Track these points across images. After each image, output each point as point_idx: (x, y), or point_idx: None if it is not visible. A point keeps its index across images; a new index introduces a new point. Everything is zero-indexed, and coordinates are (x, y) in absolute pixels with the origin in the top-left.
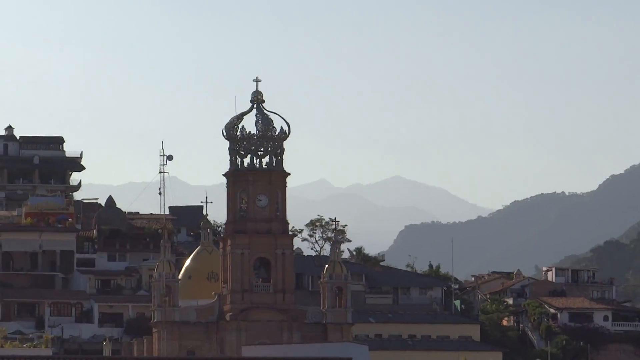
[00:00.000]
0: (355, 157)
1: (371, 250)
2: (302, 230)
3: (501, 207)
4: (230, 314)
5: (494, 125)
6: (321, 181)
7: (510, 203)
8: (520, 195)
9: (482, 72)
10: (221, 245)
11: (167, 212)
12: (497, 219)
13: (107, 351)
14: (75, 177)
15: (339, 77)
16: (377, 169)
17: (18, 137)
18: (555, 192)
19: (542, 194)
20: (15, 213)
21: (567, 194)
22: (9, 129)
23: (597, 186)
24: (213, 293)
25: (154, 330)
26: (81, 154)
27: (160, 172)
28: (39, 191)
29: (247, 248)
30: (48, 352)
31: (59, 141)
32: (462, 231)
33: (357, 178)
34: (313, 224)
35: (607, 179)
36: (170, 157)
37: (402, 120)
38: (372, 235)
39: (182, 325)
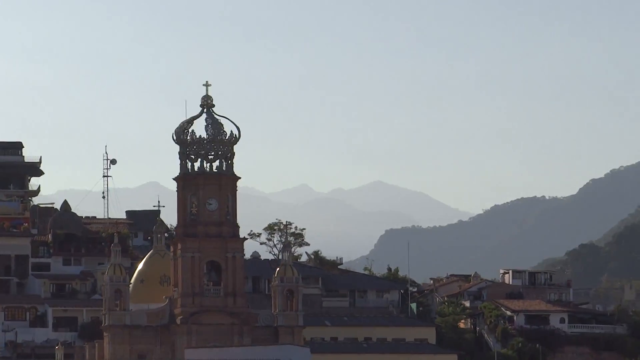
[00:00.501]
0: (336, 163)
1: (352, 255)
2: (260, 234)
3: (481, 212)
4: (181, 317)
5: (475, 130)
6: (302, 186)
7: (491, 207)
8: (500, 199)
9: (462, 78)
10: (172, 248)
11: (124, 216)
12: (478, 223)
13: (59, 355)
14: (34, 182)
15: (322, 82)
16: (358, 174)
17: None
18: (535, 196)
19: (522, 198)
20: None
21: (547, 197)
22: None
23: (578, 190)
24: (164, 297)
25: (104, 334)
26: (40, 159)
27: (104, 176)
28: None
29: (197, 251)
30: None
31: (17, 146)
32: (442, 235)
33: (339, 183)
34: (271, 228)
35: (587, 183)
36: (114, 161)
37: (384, 126)
38: (353, 239)
39: (133, 329)
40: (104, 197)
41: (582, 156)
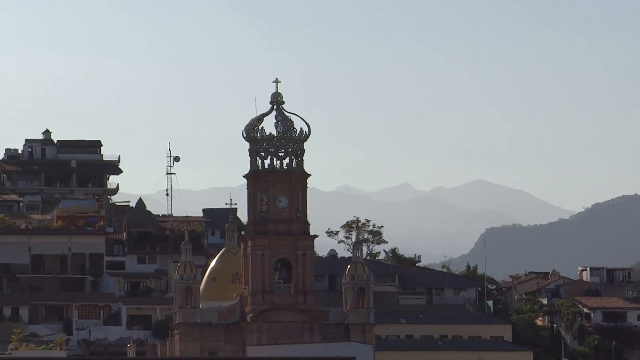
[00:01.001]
0: (438, 161)
1: (453, 254)
2: (338, 232)
3: (583, 209)
4: (251, 315)
5: (577, 128)
6: (404, 185)
7: (592, 205)
8: (602, 197)
9: (565, 74)
10: (242, 246)
11: (201, 214)
12: (579, 221)
13: (131, 353)
14: (112, 181)
15: (423, 80)
16: (459, 172)
17: (55, 141)
18: (637, 193)
19: (623, 196)
20: (49, 216)
21: None
22: (47, 132)
23: None
24: (235, 294)
25: (175, 331)
26: (119, 158)
27: (168, 174)
28: (76, 194)
29: (267, 249)
30: (62, 354)
31: (96, 145)
32: (543, 233)
33: (440, 181)
34: (349, 226)
35: None
36: (177, 159)
37: (485, 124)
38: (454, 238)
39: (204, 327)
40: (167, 194)
41: None
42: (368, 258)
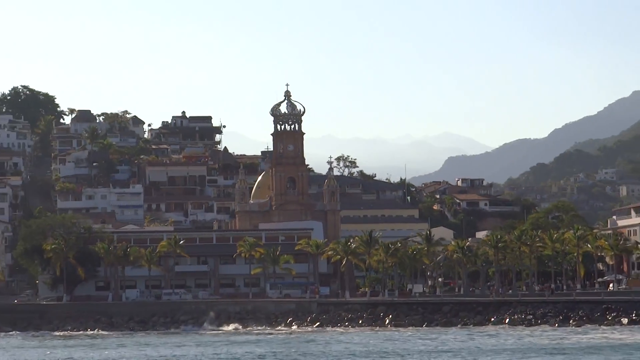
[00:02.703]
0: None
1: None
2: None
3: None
4: (275, 206)
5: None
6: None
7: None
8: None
9: None
10: (271, 171)
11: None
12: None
13: (215, 226)
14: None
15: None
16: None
17: (188, 116)
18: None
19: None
20: (180, 156)
21: None
22: (183, 112)
23: None
24: (267, 195)
25: (236, 215)
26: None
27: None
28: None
29: (283, 172)
30: (170, 228)
31: (207, 120)
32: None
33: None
34: (339, 159)
35: None
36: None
37: None
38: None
39: (251, 213)
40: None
41: None
42: (348, 175)
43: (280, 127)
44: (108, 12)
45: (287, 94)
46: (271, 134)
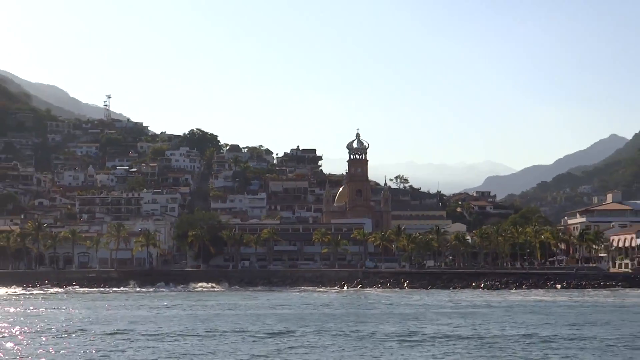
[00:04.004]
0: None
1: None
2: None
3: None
4: (348, 208)
5: None
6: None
7: None
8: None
9: None
10: (347, 185)
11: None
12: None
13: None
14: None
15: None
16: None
17: (300, 149)
18: None
19: None
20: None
21: None
22: (297, 148)
23: None
24: (345, 201)
25: (324, 213)
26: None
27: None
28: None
29: (353, 186)
30: (276, 222)
31: (312, 152)
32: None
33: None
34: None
35: None
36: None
37: None
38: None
39: (333, 212)
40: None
41: None
42: (402, 188)
43: (352, 156)
44: (261, 66)
45: (357, 135)
46: (347, 161)
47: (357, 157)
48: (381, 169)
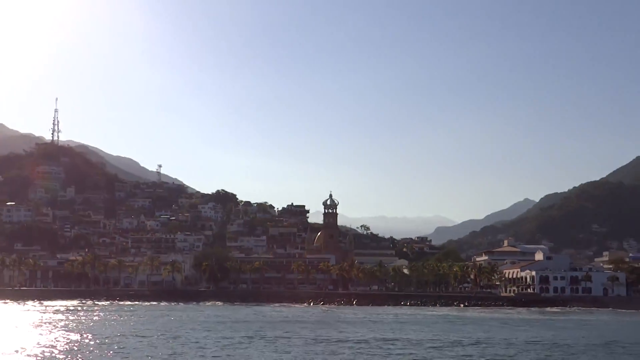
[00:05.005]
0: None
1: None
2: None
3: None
4: (322, 246)
5: None
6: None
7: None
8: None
9: None
10: (324, 230)
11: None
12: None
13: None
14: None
15: None
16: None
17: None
18: None
19: None
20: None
21: None
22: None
23: None
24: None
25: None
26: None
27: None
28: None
29: (327, 231)
30: (269, 256)
31: (302, 209)
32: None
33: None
34: (362, 227)
35: None
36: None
37: None
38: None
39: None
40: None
41: None
42: (365, 233)
43: (327, 210)
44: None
45: (330, 195)
46: (322, 213)
47: (330, 211)
48: (358, 221)
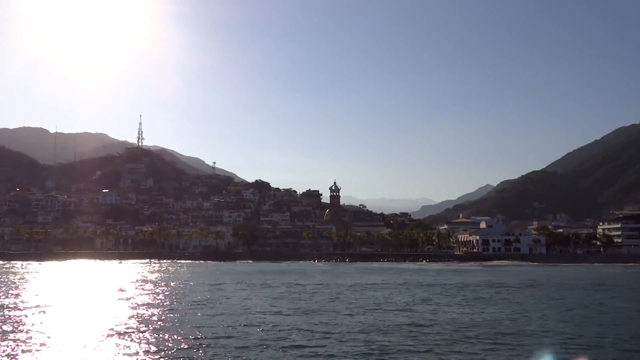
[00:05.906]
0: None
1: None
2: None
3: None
4: (330, 221)
5: None
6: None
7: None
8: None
9: None
10: (330, 208)
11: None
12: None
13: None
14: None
15: None
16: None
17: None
18: None
19: None
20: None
21: None
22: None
23: None
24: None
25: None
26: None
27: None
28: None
29: (332, 209)
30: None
31: (316, 194)
32: None
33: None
34: (362, 205)
35: None
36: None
37: None
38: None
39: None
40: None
41: None
42: (362, 209)
43: (332, 194)
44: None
45: (335, 182)
46: (329, 196)
47: (334, 194)
48: (364, 201)
